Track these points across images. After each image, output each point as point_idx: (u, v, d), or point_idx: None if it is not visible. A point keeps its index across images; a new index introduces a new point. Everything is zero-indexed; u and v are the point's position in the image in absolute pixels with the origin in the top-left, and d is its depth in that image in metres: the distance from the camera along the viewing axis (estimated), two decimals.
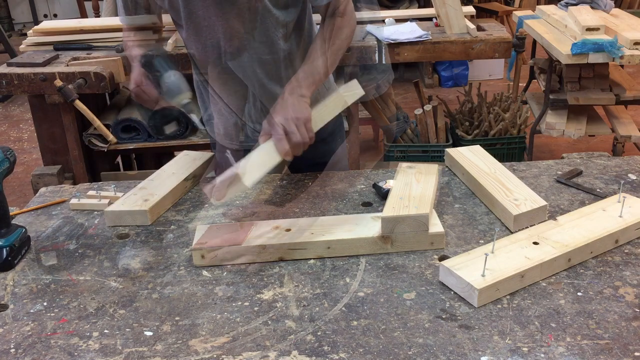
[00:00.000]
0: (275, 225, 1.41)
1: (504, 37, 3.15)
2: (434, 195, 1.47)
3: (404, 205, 1.38)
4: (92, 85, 2.92)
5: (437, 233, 1.35)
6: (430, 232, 1.35)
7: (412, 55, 3.13)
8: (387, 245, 1.35)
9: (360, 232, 1.36)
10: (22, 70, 2.92)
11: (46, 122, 3.12)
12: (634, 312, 1.12)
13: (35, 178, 3.04)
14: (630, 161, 1.75)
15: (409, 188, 1.47)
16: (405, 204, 1.38)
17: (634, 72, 4.99)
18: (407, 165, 1.61)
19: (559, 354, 1.03)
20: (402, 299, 1.19)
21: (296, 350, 1.07)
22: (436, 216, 1.41)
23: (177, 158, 1.78)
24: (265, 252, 1.33)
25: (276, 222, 1.42)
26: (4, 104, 6.01)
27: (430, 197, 1.42)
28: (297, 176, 1.76)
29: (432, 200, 1.43)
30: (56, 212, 1.61)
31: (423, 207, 1.37)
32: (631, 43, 3.00)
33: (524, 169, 1.72)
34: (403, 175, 1.55)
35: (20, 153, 4.71)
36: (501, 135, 3.52)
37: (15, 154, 1.44)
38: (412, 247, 1.35)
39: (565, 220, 1.37)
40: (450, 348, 1.05)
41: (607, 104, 3.42)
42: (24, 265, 1.37)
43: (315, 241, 1.34)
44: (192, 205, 1.60)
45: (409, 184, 1.49)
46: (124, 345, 1.10)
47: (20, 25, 9.02)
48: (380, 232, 1.34)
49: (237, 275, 1.30)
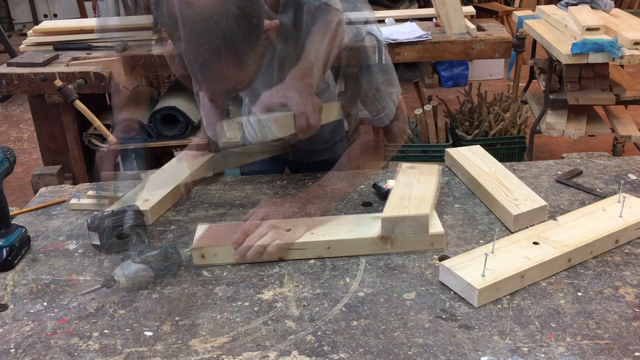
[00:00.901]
0: (275, 225, 1.40)
1: (504, 37, 3.15)
2: (435, 195, 1.47)
3: (404, 205, 1.37)
4: (92, 85, 2.93)
5: (437, 233, 1.35)
6: (430, 233, 1.35)
7: (412, 55, 3.14)
8: (387, 246, 1.35)
9: (360, 233, 1.36)
10: (22, 70, 2.93)
11: (46, 122, 3.12)
12: (634, 312, 1.12)
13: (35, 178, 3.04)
14: (630, 161, 1.75)
15: (410, 188, 1.46)
16: (406, 205, 1.38)
17: (634, 72, 4.99)
18: (407, 166, 1.61)
19: (559, 354, 1.03)
20: (402, 299, 1.19)
21: (296, 350, 1.07)
22: (436, 216, 1.41)
23: (177, 158, 1.78)
24: (265, 252, 1.33)
25: (276, 222, 1.42)
26: (4, 104, 6.01)
27: (431, 198, 1.42)
28: (297, 176, 1.76)
29: (433, 200, 1.43)
30: (56, 212, 1.61)
31: (423, 207, 1.37)
32: (631, 43, 3.00)
33: (524, 169, 1.72)
34: (403, 175, 1.55)
35: (20, 153, 4.71)
36: (501, 135, 3.52)
37: (15, 154, 1.44)
38: (412, 247, 1.35)
39: (565, 220, 1.37)
40: (450, 348, 1.05)
41: (607, 104, 3.42)
42: (24, 265, 1.37)
43: (315, 241, 1.34)
44: (192, 205, 1.60)
45: (410, 184, 1.49)
46: (124, 345, 1.10)
47: (20, 25, 9.02)
48: (380, 233, 1.34)
49: (237, 275, 1.30)
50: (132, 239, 1.37)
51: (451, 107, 3.81)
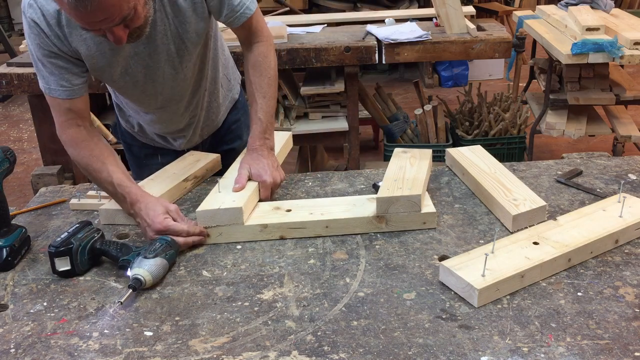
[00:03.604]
0: (276, 206, 1.49)
1: (504, 37, 3.15)
2: (427, 178, 1.54)
3: (398, 186, 1.45)
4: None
5: (429, 212, 1.42)
6: (422, 212, 1.41)
7: (412, 55, 3.13)
8: (382, 225, 1.42)
9: (357, 212, 1.43)
10: (22, 70, 2.92)
11: (46, 122, 3.11)
12: (634, 312, 1.12)
13: (35, 178, 3.04)
14: (630, 161, 1.74)
15: (403, 171, 1.54)
16: (399, 186, 1.45)
17: (634, 72, 4.99)
18: (401, 150, 1.69)
19: (559, 354, 1.03)
20: (402, 299, 1.19)
21: (296, 350, 1.07)
22: (429, 197, 1.49)
23: (181, 158, 1.78)
24: (266, 230, 1.41)
25: (277, 204, 1.51)
26: (4, 104, 6.00)
27: (423, 180, 1.49)
28: (297, 176, 1.76)
29: (425, 182, 1.50)
30: (56, 212, 1.61)
31: (416, 188, 1.44)
32: (631, 43, 2.99)
33: (524, 169, 1.72)
34: (398, 159, 1.63)
35: (20, 153, 4.71)
36: (501, 135, 3.52)
37: (15, 154, 1.44)
38: (406, 226, 1.42)
39: (565, 220, 1.37)
40: (450, 348, 1.05)
41: (607, 104, 3.42)
42: (24, 265, 1.37)
43: (314, 220, 1.42)
44: (192, 205, 1.59)
45: (403, 167, 1.56)
46: (124, 345, 1.10)
47: (20, 25, 9.02)
48: (375, 212, 1.41)
49: (237, 275, 1.30)
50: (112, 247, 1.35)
51: (451, 107, 3.81)
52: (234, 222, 1.41)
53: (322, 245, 1.39)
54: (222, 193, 1.49)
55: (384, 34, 3.11)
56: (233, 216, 1.41)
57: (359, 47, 3.07)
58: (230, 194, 1.48)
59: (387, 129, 3.60)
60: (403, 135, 3.62)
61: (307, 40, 3.11)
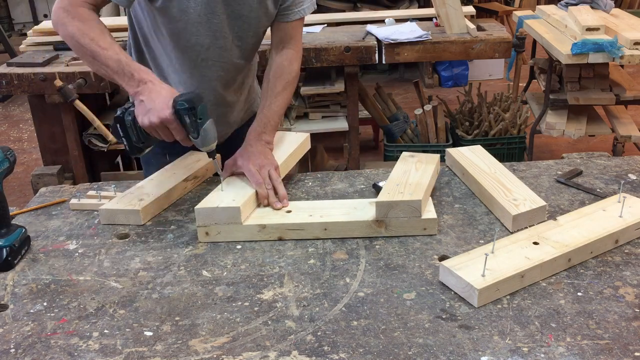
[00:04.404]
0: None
1: (504, 37, 3.15)
2: (431, 183, 1.52)
3: (399, 191, 1.43)
4: (92, 85, 2.93)
5: (430, 219, 1.40)
6: (423, 218, 1.39)
7: (412, 55, 3.14)
8: (382, 229, 1.40)
9: (356, 216, 1.42)
10: (22, 70, 2.93)
11: (46, 122, 3.12)
12: (634, 312, 1.12)
13: (35, 178, 3.05)
14: (630, 161, 1.75)
15: (407, 175, 1.52)
16: (401, 190, 1.44)
17: (634, 72, 4.99)
18: (409, 154, 1.67)
19: (559, 354, 1.03)
20: (402, 299, 1.19)
21: (296, 350, 1.07)
22: (431, 203, 1.46)
23: (181, 158, 1.78)
24: (264, 231, 1.41)
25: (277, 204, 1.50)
26: (4, 104, 6.01)
27: (426, 185, 1.46)
28: (297, 176, 1.76)
29: (428, 188, 1.47)
30: (56, 212, 1.61)
31: (417, 193, 1.42)
32: (631, 43, 3.00)
33: (524, 169, 1.72)
34: (403, 163, 1.61)
35: (20, 153, 4.71)
36: (501, 135, 3.52)
37: (15, 154, 1.44)
38: (406, 231, 1.40)
39: (565, 220, 1.37)
40: (450, 348, 1.05)
41: (607, 104, 3.42)
42: (24, 265, 1.37)
43: (313, 222, 1.41)
44: (192, 205, 1.59)
45: (408, 172, 1.55)
46: (124, 345, 1.10)
47: (20, 25, 9.02)
48: (375, 216, 1.40)
49: (237, 275, 1.30)
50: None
51: (451, 107, 3.81)
52: (232, 221, 1.41)
53: (322, 245, 1.39)
54: (224, 192, 1.49)
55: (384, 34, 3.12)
56: (231, 215, 1.41)
57: (359, 47, 3.07)
58: (231, 194, 1.48)
59: (387, 129, 3.60)
60: (403, 135, 3.62)
61: (307, 40, 3.11)
